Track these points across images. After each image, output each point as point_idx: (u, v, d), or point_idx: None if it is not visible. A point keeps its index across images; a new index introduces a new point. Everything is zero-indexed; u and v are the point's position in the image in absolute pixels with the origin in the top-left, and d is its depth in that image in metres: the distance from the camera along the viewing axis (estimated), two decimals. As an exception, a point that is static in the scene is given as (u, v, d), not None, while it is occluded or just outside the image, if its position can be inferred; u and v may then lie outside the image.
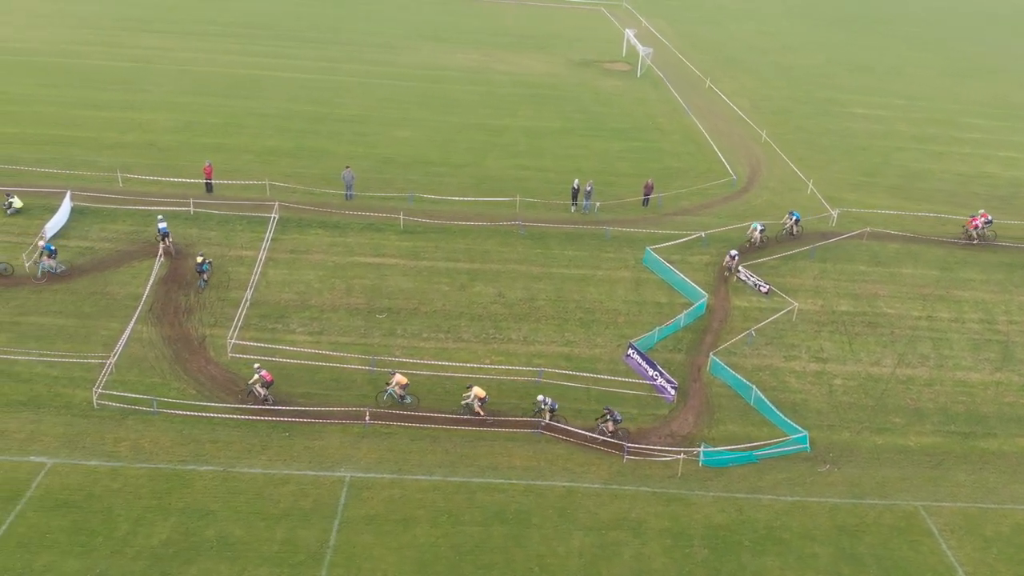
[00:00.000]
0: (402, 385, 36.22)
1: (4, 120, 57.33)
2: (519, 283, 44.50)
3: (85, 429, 34.09)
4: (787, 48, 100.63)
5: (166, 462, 32.92)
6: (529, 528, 31.50)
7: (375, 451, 34.44)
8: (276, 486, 32.29)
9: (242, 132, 58.75)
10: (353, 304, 42.30)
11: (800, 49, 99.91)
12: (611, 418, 35.55)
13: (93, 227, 45.11)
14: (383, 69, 76.89)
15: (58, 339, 38.46)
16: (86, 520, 29.96)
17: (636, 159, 60.52)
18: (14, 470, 31.81)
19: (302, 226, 46.89)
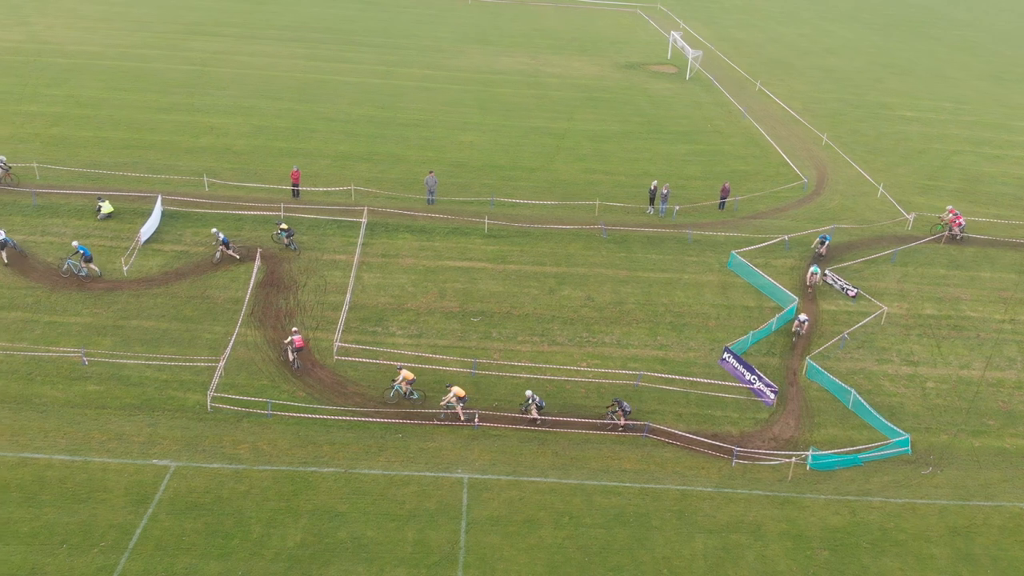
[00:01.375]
0: (408, 381, 36.74)
1: (80, 124, 57.82)
2: (607, 287, 44.86)
3: (202, 432, 34.52)
4: (828, 51, 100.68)
5: (287, 464, 33.31)
6: (650, 530, 31.84)
7: (487, 453, 34.81)
8: (398, 487, 32.68)
9: (313, 137, 59.16)
10: (447, 307, 42.69)
11: (840, 52, 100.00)
12: (620, 409, 35.89)
13: (186, 231, 45.58)
14: (437, 73, 77.28)
15: (163, 342, 38.94)
16: (219, 523, 30.35)
17: (702, 162, 60.79)
18: (139, 473, 32.24)
19: (390, 230, 47.29)
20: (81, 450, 32.98)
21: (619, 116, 69.90)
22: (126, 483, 31.70)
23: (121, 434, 34.01)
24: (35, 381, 36.31)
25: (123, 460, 32.72)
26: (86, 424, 34.35)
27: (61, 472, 31.89)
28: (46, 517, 29.86)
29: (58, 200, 46.88)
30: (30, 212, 45.60)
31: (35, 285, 41.23)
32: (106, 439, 33.69)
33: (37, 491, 30.94)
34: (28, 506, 30.27)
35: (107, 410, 35.26)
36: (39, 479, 31.47)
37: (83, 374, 36.88)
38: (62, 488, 31.20)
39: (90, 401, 35.58)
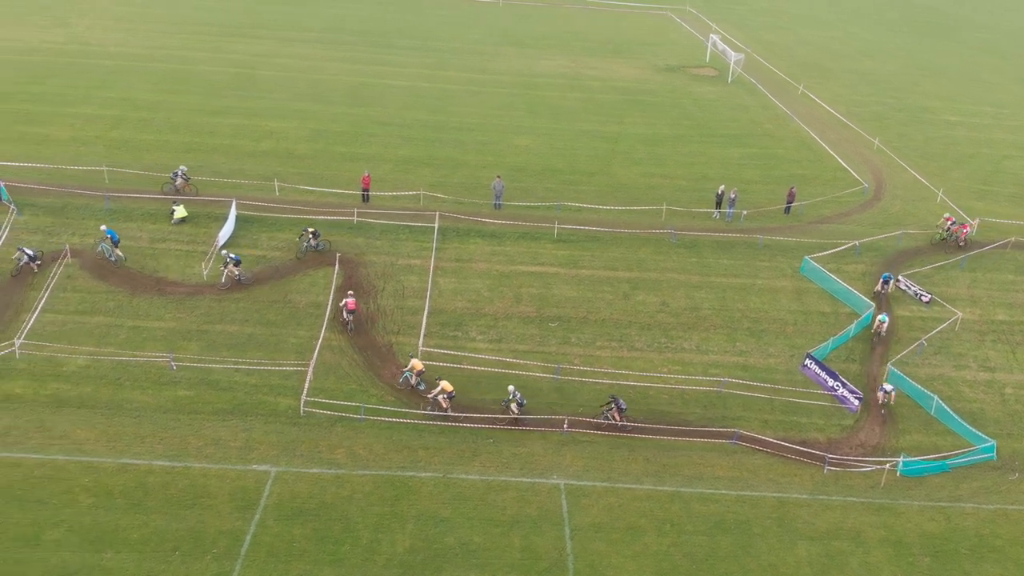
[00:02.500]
0: (417, 371, 37.05)
1: (139, 127, 57.97)
2: (680, 292, 44.91)
3: (297, 437, 34.63)
4: (860, 54, 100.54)
5: (386, 468, 33.44)
6: (752, 538, 31.92)
7: (580, 459, 34.89)
8: (497, 492, 32.78)
9: (372, 141, 59.25)
10: (524, 312, 42.77)
11: (874, 55, 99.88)
12: (616, 406, 35.96)
13: (261, 236, 45.69)
14: (480, 76, 77.33)
15: (249, 347, 39.04)
16: (327, 528, 30.47)
17: (758, 166, 60.81)
18: (240, 478, 32.35)
19: (461, 235, 47.38)
20: (180, 456, 33.06)
21: (667, 119, 69.91)
22: (229, 489, 31.77)
23: (217, 439, 34.10)
24: (124, 386, 36.43)
25: (223, 465, 32.79)
26: (181, 429, 34.44)
27: (162, 478, 31.98)
28: (154, 524, 29.96)
29: (130, 204, 47.00)
30: (103, 216, 45.71)
31: (115, 289, 41.35)
32: (203, 444, 33.78)
33: (142, 497, 31.05)
34: (135, 512, 30.37)
35: (200, 415, 35.34)
36: (141, 485, 31.59)
37: (172, 379, 36.98)
38: (166, 494, 31.29)
39: (182, 406, 35.66)
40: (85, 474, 31.77)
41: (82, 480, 31.49)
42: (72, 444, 33.12)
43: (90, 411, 34.98)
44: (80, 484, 31.30)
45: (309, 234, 43.77)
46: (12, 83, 64.15)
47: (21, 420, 34.13)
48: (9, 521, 29.50)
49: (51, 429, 33.79)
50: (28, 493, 30.70)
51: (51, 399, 35.35)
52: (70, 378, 36.50)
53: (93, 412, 34.94)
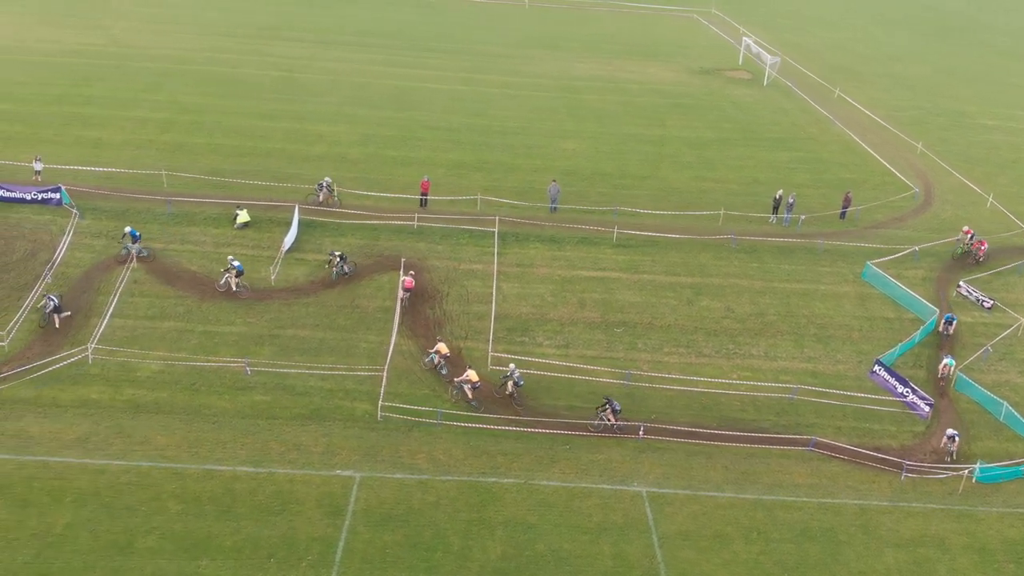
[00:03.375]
0: (442, 355, 37.71)
1: (190, 130, 58.09)
2: (744, 297, 44.86)
3: (377, 442, 34.69)
4: (889, 57, 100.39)
5: (467, 475, 33.45)
6: (839, 545, 31.90)
7: (658, 466, 34.90)
8: (580, 499, 32.79)
9: (421, 146, 59.30)
10: (589, 318, 42.78)
11: (901, 58, 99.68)
12: (611, 408, 35.88)
13: (324, 240, 45.77)
14: (517, 79, 77.39)
15: (322, 352, 39.09)
16: (417, 535, 30.49)
17: (807, 170, 60.80)
18: (325, 484, 32.39)
19: (520, 240, 47.41)
20: (263, 461, 33.11)
21: (709, 122, 69.89)
22: (316, 495, 31.81)
23: (299, 444, 34.14)
24: (200, 391, 36.49)
25: (307, 471, 32.83)
26: (261, 435, 34.50)
27: (248, 484, 32.02)
28: (246, 530, 29.99)
29: (191, 208, 47.06)
30: (166, 220, 45.81)
31: (184, 295, 41.44)
32: (285, 450, 33.82)
33: (230, 504, 31.07)
34: (225, 519, 30.39)
35: (278, 420, 35.39)
36: (228, 491, 31.62)
37: (247, 384, 37.04)
38: (254, 500, 31.32)
39: (260, 411, 35.73)
40: (171, 480, 31.78)
41: (168, 486, 31.50)
42: (154, 450, 33.15)
43: (168, 416, 34.99)
44: (167, 491, 31.31)
45: (337, 258, 42.86)
46: (61, 85, 64.38)
47: (100, 426, 34.18)
48: (100, 528, 29.51)
49: (131, 435, 33.84)
50: (116, 500, 30.72)
51: (128, 404, 35.41)
52: (145, 383, 36.55)
53: (171, 418, 34.94)
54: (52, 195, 45.57)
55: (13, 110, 59.60)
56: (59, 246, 43.35)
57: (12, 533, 29.01)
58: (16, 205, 45.92)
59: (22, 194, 45.69)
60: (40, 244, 43.62)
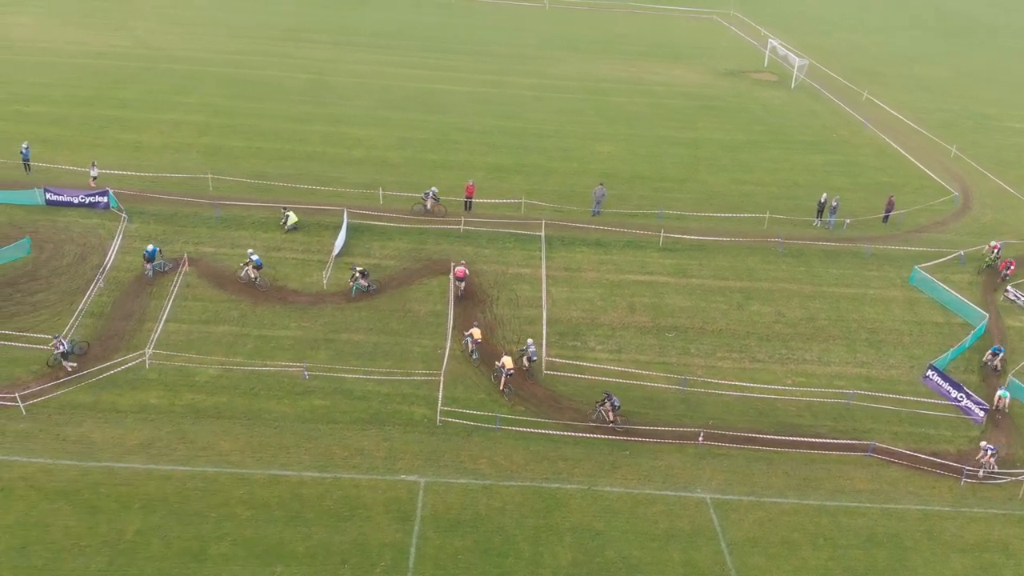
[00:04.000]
0: (475, 340, 38.52)
1: (227, 133, 58.10)
2: (794, 302, 44.81)
3: (437, 446, 34.65)
4: (909, 59, 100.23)
5: (530, 480, 33.41)
6: (906, 551, 31.86)
7: (720, 472, 34.83)
8: (645, 506, 32.74)
9: (457, 149, 59.26)
10: (639, 322, 42.71)
11: (921, 60, 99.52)
12: (610, 403, 35.88)
13: (373, 244, 45.73)
14: (543, 81, 77.37)
15: (377, 356, 39.08)
16: (487, 540, 30.45)
17: (844, 173, 60.71)
18: (391, 489, 32.37)
19: (566, 244, 47.37)
20: (328, 466, 33.08)
21: (740, 125, 69.83)
22: (383, 500, 31.80)
23: (361, 449, 34.12)
24: (260, 396, 36.45)
25: (371, 476, 32.80)
26: (323, 439, 34.47)
27: (315, 489, 31.99)
28: (317, 536, 29.95)
29: (239, 212, 47.04)
30: (215, 224, 45.79)
31: (237, 299, 41.42)
32: (348, 454, 33.79)
33: (299, 509, 31.05)
34: (295, 525, 30.37)
35: (339, 424, 35.36)
36: (296, 497, 31.60)
37: (306, 388, 37.01)
38: (321, 506, 31.30)
39: (320, 416, 35.70)
40: (238, 486, 31.75)
41: (236, 492, 31.48)
42: (218, 455, 33.11)
43: (229, 421, 34.95)
44: (235, 496, 31.28)
45: (357, 273, 42.23)
46: (93, 88, 64.37)
47: (162, 431, 34.15)
48: (171, 535, 29.49)
49: (194, 440, 33.80)
50: (185, 506, 30.69)
51: (188, 409, 35.37)
52: (204, 388, 36.51)
53: (232, 422, 34.90)
54: (100, 199, 45.56)
55: (47, 112, 59.62)
56: (109, 250, 43.15)
57: (84, 540, 28.98)
58: (63, 209, 45.95)
59: (69, 197, 45.66)
60: (89, 248, 43.58)
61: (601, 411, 36.19)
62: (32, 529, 29.17)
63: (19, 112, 59.35)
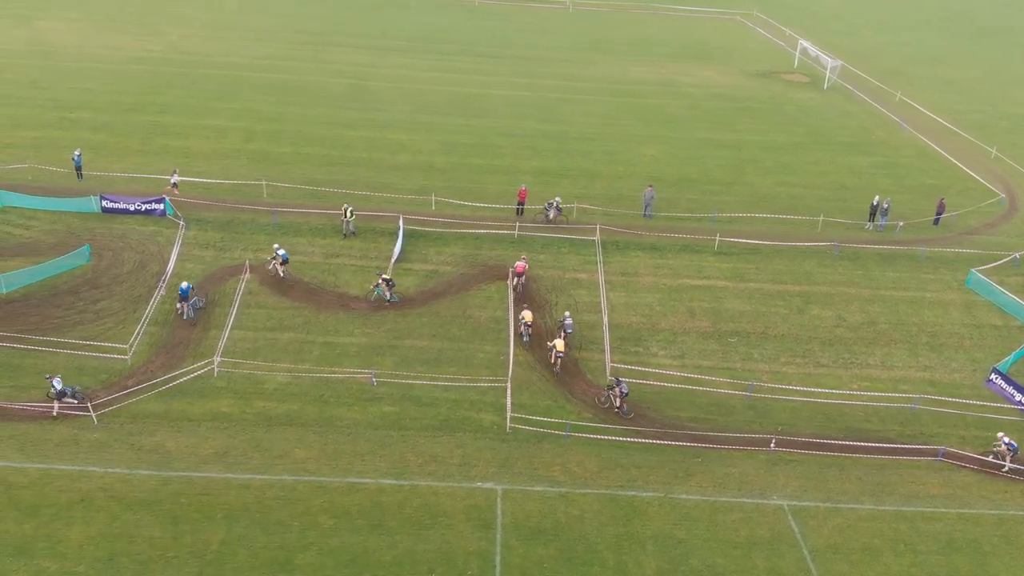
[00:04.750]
0: (527, 323, 39.33)
1: (274, 139, 58.19)
2: (854, 306, 44.69)
3: (509, 453, 34.60)
4: (935, 60, 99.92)
5: (605, 488, 33.32)
6: (986, 556, 31.73)
7: (794, 479, 34.70)
8: (723, 513, 32.63)
9: (501, 153, 59.26)
10: (700, 327, 42.63)
11: (947, 61, 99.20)
12: (619, 388, 36.25)
13: (429, 250, 45.71)
14: (577, 84, 77.38)
15: (441, 362, 39.06)
16: (570, 548, 30.39)
17: (889, 175, 60.57)
18: (469, 497, 32.31)
19: (621, 248, 47.30)
20: (403, 474, 33.05)
21: (778, 127, 69.76)
22: (462, 507, 31.74)
23: (435, 456, 34.07)
24: (330, 403, 36.45)
25: (448, 483, 32.74)
26: (396, 446, 34.45)
27: (394, 497, 31.97)
28: (402, 545, 29.92)
29: (295, 219, 47.08)
30: (272, 231, 45.85)
31: (300, 306, 41.44)
32: (423, 461, 33.75)
33: (380, 517, 31.01)
34: (378, 534, 30.33)
35: (410, 431, 35.34)
36: (376, 505, 31.56)
37: (375, 395, 37.01)
38: (402, 514, 31.26)
39: (390, 422, 35.69)
40: (317, 495, 31.73)
41: (316, 501, 31.45)
42: (294, 464, 33.10)
43: (301, 429, 34.94)
44: (316, 505, 31.26)
45: (382, 281, 41.80)
46: (135, 93, 64.55)
47: (236, 440, 34.15)
48: (257, 545, 29.46)
49: (268, 448, 33.80)
50: (267, 515, 30.66)
51: (259, 417, 35.37)
52: (273, 396, 36.52)
53: (305, 430, 34.89)
54: (156, 206, 45.63)
55: (91, 118, 59.79)
56: (169, 258, 43.19)
57: (170, 551, 28.96)
58: (119, 216, 46.01)
59: (125, 205, 45.70)
60: (148, 255, 43.64)
61: (610, 395, 36.41)
62: (117, 540, 29.10)
63: (63, 119, 59.46)
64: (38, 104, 61.24)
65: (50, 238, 44.41)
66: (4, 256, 43.37)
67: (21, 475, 31.43)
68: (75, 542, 28.81)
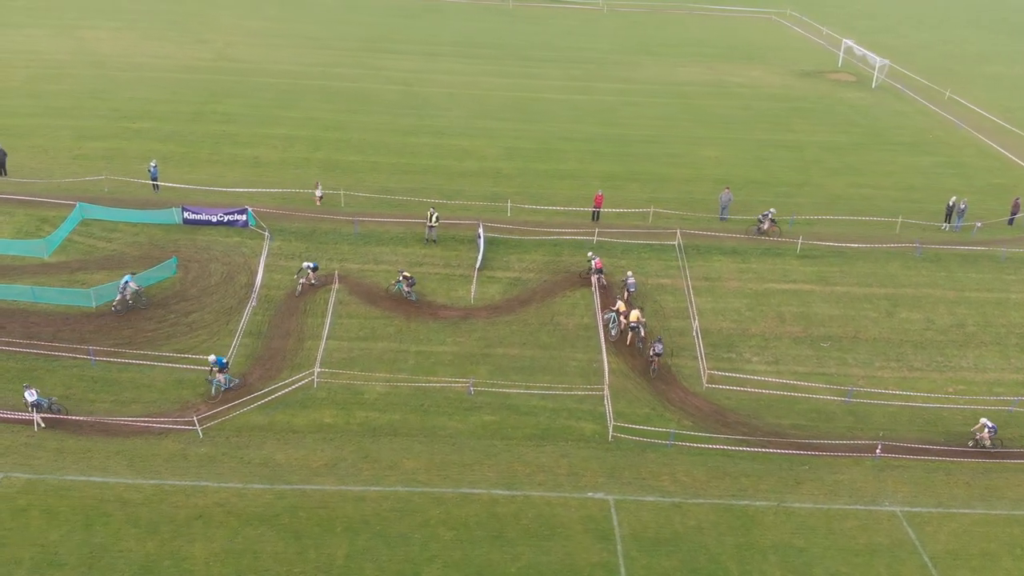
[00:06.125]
0: (620, 312, 40.54)
1: (340, 148, 58.20)
2: (941, 308, 44.35)
3: (616, 463, 34.48)
4: (978, 57, 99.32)
5: (717, 497, 33.15)
6: (1108, 561, 31.30)
7: (903, 484, 34.51)
8: (838, 521, 32.44)
9: (565, 158, 59.11)
10: (791, 332, 42.39)
11: (990, 58, 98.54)
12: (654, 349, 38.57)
13: (510, 257, 45.61)
14: (629, 86, 77.18)
15: (534, 370, 38.97)
16: (692, 559, 30.25)
17: (955, 175, 60.13)
18: (582, 507, 32.21)
19: (702, 252, 47.05)
20: (514, 484, 32.97)
21: (835, 127, 69.42)
22: (577, 518, 31.63)
23: (542, 466, 33.97)
24: (430, 412, 36.40)
25: (560, 494, 32.66)
26: (501, 456, 34.41)
27: (509, 508, 31.87)
28: (525, 557, 29.83)
29: (375, 227, 47.06)
30: (355, 241, 45.83)
31: (390, 315, 41.42)
32: (531, 471, 33.66)
33: (499, 529, 30.93)
34: (500, 545, 30.25)
35: (512, 440, 35.27)
36: (493, 516, 31.49)
37: (473, 404, 36.93)
38: (519, 525, 31.16)
39: (492, 432, 35.63)
40: (432, 506, 31.68)
41: (432, 512, 31.41)
42: (405, 474, 33.07)
43: (407, 439, 34.92)
44: (433, 517, 31.21)
45: (402, 278, 41.80)
46: (195, 103, 64.69)
47: (344, 451, 34.12)
48: (382, 559, 29.40)
49: (377, 459, 33.77)
50: (387, 528, 30.60)
51: (363, 428, 35.36)
52: (374, 405, 36.50)
53: (410, 440, 34.87)
54: (239, 217, 45.64)
55: (155, 128, 59.93)
56: (257, 269, 43.21)
57: (296, 567, 28.91)
58: (202, 227, 46.03)
59: (208, 216, 45.73)
60: (235, 267, 43.66)
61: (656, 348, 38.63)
62: (241, 557, 29.05)
63: (127, 129, 59.61)
64: (100, 115, 61.37)
65: (134, 250, 44.44)
66: (89, 269, 43.33)
67: (135, 491, 31.40)
68: (200, 559, 28.74)
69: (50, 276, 42.60)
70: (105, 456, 33.05)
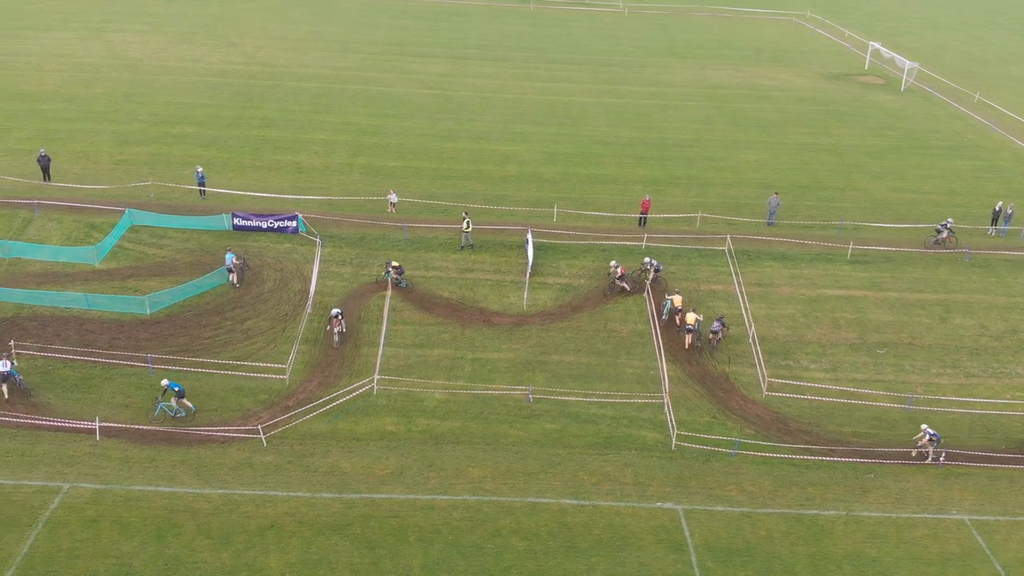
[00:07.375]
0: (676, 307, 41.14)
1: (381, 153, 58.09)
2: (994, 313, 44.18)
3: (681, 473, 34.39)
4: (1001, 59, 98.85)
5: (785, 506, 33.04)
6: None
7: (968, 492, 34.46)
8: (908, 529, 32.36)
9: (604, 162, 58.99)
10: (847, 339, 42.24)
11: (1014, 60, 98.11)
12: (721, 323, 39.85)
13: (560, 263, 45.53)
14: (661, 89, 76.97)
15: (591, 378, 38.92)
16: (767, 570, 30.22)
17: (994, 179, 59.88)
18: (653, 517, 32.21)
19: (752, 258, 46.90)
20: (580, 493, 32.89)
21: (871, 130, 69.20)
22: (648, 528, 31.55)
23: (606, 475, 33.88)
24: (490, 420, 36.34)
25: (628, 503, 32.60)
26: (566, 464, 34.32)
27: (578, 518, 31.80)
28: (601, 568, 29.76)
29: (423, 233, 47.01)
30: (404, 247, 45.76)
31: (444, 321, 41.34)
32: (596, 481, 33.57)
33: (571, 539, 30.86)
34: (574, 556, 30.17)
35: (575, 449, 35.18)
36: (563, 526, 31.42)
37: (533, 412, 36.86)
38: (591, 535, 31.09)
39: (553, 440, 35.54)
40: (502, 515, 31.62)
41: (503, 522, 31.35)
42: (472, 483, 33.00)
43: (470, 447, 34.85)
44: (504, 526, 31.16)
45: (391, 268, 42.37)
46: (232, 107, 64.70)
47: (409, 459, 34.07)
48: (457, 569, 29.34)
49: (443, 468, 33.69)
50: (459, 538, 30.54)
51: (425, 436, 35.28)
52: (435, 413, 36.45)
53: (473, 448, 34.80)
54: (289, 223, 45.59)
55: (198, 133, 59.91)
56: (310, 275, 43.17)
57: (372, 576, 28.75)
58: (252, 233, 45.95)
59: (258, 222, 45.68)
60: (288, 273, 43.61)
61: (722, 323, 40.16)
62: (318, 567, 28.99)
63: (167, 134, 59.60)
64: (139, 119, 61.39)
65: (185, 257, 44.42)
66: (140, 276, 43.33)
67: (204, 501, 31.36)
68: (276, 570, 28.70)
69: (102, 283, 42.56)
70: (171, 465, 32.98)
